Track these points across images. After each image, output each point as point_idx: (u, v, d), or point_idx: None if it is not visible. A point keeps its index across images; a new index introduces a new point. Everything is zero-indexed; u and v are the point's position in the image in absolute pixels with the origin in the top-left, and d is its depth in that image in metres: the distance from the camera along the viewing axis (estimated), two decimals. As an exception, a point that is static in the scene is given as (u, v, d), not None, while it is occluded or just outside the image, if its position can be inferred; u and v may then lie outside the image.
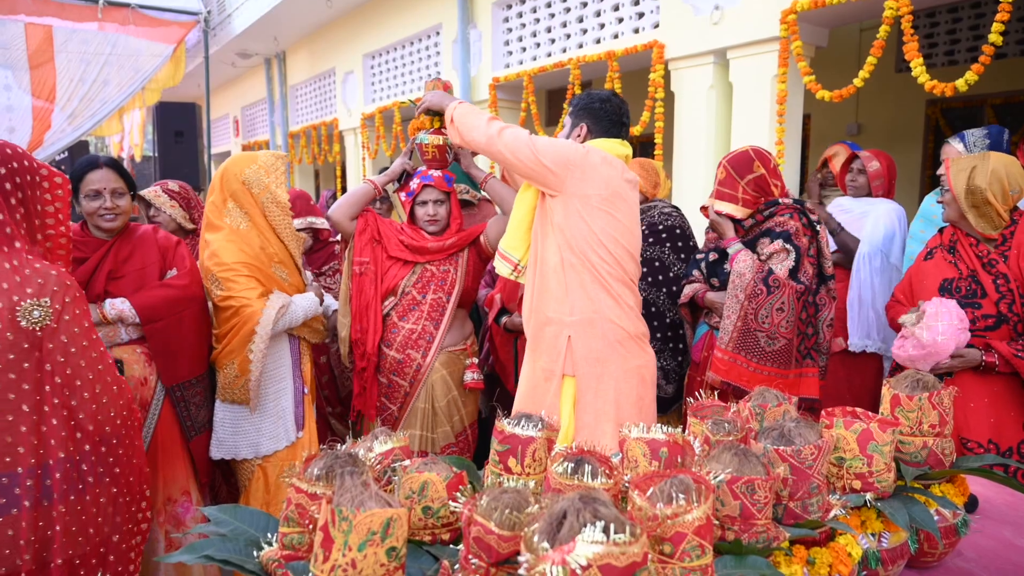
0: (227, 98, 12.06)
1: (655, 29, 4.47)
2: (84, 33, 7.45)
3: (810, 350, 2.37)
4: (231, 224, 2.27)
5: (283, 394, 2.32)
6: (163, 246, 2.25)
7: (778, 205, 2.36)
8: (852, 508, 1.22)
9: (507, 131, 2.07)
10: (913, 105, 5.82)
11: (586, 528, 0.75)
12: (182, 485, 2.25)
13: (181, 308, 2.17)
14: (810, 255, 2.33)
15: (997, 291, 2.17)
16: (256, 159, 2.31)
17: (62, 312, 1.42)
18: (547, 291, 2.05)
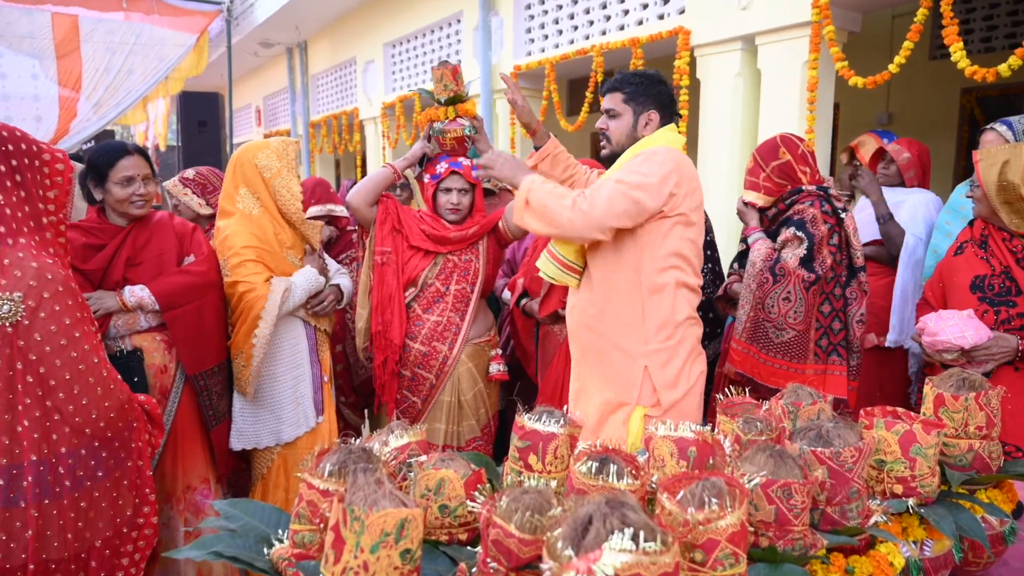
0: (249, 88, 12.10)
1: (680, 15, 4.36)
2: (110, 23, 7.49)
3: (836, 346, 2.28)
4: (243, 209, 2.25)
5: (301, 380, 2.30)
6: (180, 232, 2.24)
7: (801, 192, 2.29)
8: (893, 514, 1.15)
9: (597, 197, 1.81)
10: (947, 94, 5.65)
11: (613, 535, 0.69)
12: (202, 473, 2.23)
13: (200, 294, 2.15)
14: (831, 244, 2.24)
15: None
16: (268, 145, 2.29)
17: (37, 309, 1.33)
18: (617, 317, 1.89)
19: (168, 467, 2.18)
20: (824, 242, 2.21)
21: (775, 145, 2.34)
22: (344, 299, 2.45)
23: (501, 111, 6.03)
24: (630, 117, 1.98)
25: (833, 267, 2.24)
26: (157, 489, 2.11)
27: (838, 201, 2.29)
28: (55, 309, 1.35)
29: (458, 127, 2.46)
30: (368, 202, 2.47)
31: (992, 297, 2.11)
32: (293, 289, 2.23)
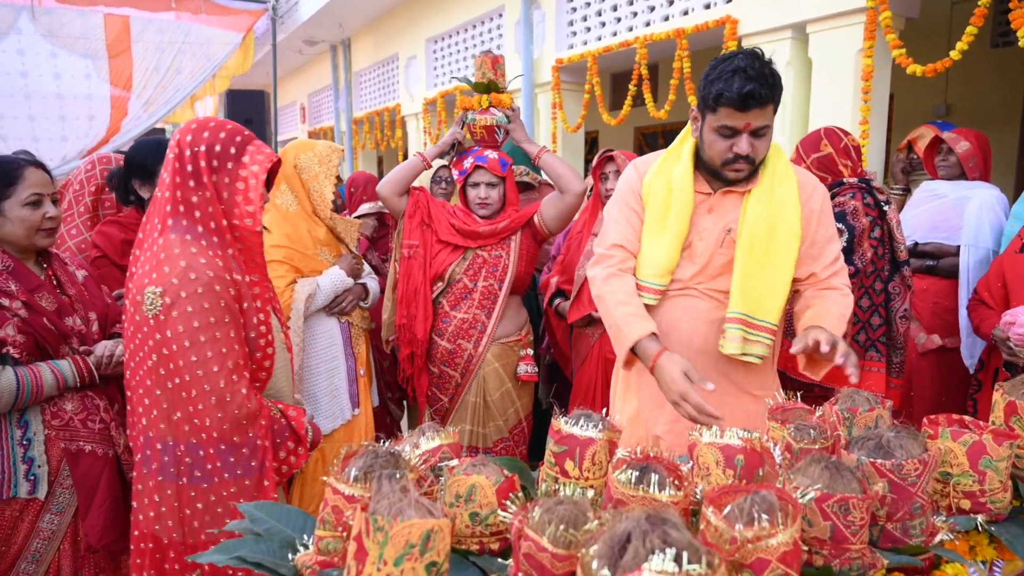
0: (294, 85, 12.28)
1: (728, 3, 4.23)
2: (160, 23, 7.67)
3: (875, 342, 2.19)
4: (280, 205, 2.26)
5: (336, 373, 2.31)
6: None
7: (843, 185, 2.23)
8: (960, 532, 1.06)
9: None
10: (1010, 83, 5.36)
11: (654, 555, 0.64)
12: None
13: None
14: (872, 237, 2.15)
15: None
16: (314, 147, 2.30)
17: (171, 307, 1.36)
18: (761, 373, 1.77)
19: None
20: (865, 235, 2.14)
21: (818, 138, 2.32)
22: (369, 299, 2.44)
23: (543, 105, 5.97)
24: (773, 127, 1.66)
25: (874, 260, 2.16)
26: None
27: (880, 194, 2.21)
28: (187, 310, 1.37)
29: (489, 117, 2.42)
30: (397, 192, 2.44)
31: None
32: (317, 292, 2.24)
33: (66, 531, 1.76)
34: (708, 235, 1.70)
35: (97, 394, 1.81)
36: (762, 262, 1.66)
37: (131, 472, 1.84)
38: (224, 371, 1.41)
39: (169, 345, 1.38)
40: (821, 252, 1.70)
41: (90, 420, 1.78)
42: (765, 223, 1.65)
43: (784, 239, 1.66)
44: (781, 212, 1.66)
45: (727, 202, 1.71)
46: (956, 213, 2.68)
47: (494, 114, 2.44)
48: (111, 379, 1.85)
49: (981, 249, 2.59)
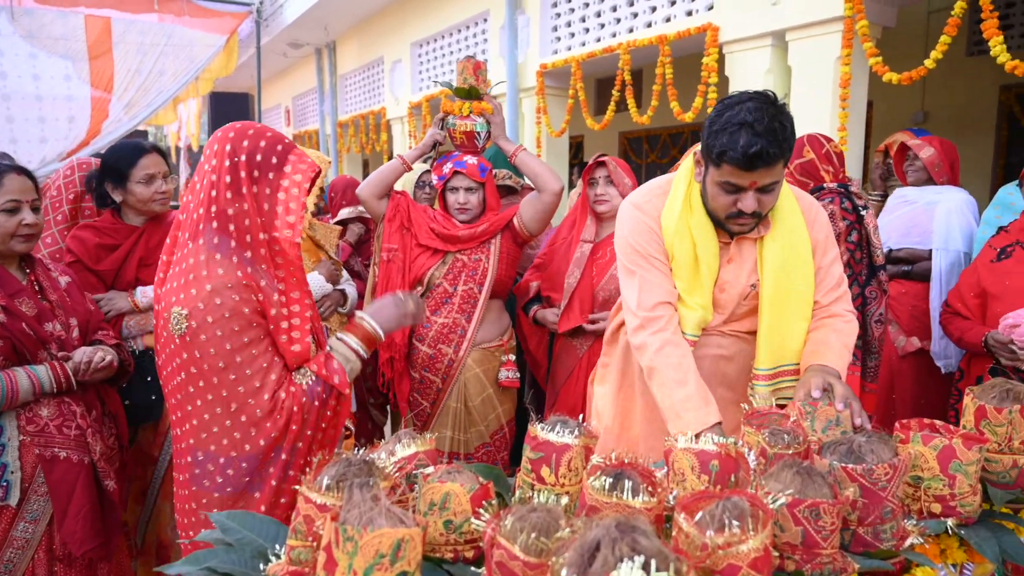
0: (279, 88, 12.22)
1: (709, 11, 4.27)
2: (142, 24, 7.61)
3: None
4: None
5: None
6: None
7: (822, 190, 2.26)
8: (931, 535, 1.08)
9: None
10: (985, 90, 5.46)
11: (623, 563, 0.64)
12: None
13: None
14: (849, 241, 2.18)
15: None
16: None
17: (198, 329, 1.30)
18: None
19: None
20: (842, 238, 2.17)
21: (800, 144, 2.34)
22: (348, 305, 2.42)
23: (527, 110, 5.98)
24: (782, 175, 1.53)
25: (851, 264, 2.18)
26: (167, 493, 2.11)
27: (858, 199, 2.24)
28: (216, 334, 1.32)
29: (469, 122, 2.42)
30: (376, 195, 2.43)
31: None
32: None
33: (40, 539, 1.74)
34: (731, 287, 1.65)
35: (74, 400, 1.79)
36: (784, 312, 1.63)
37: (108, 479, 1.82)
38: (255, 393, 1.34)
39: (200, 363, 1.32)
40: (824, 277, 1.67)
41: (66, 426, 1.76)
42: (784, 272, 1.61)
43: (802, 282, 1.63)
44: (796, 256, 1.62)
45: (744, 250, 1.65)
46: (927, 218, 2.72)
47: (474, 120, 2.44)
48: (89, 385, 1.83)
49: (952, 252, 2.63)
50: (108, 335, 1.92)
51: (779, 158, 1.45)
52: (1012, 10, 5.21)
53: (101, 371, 1.78)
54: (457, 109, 2.45)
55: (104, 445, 1.82)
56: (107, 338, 1.90)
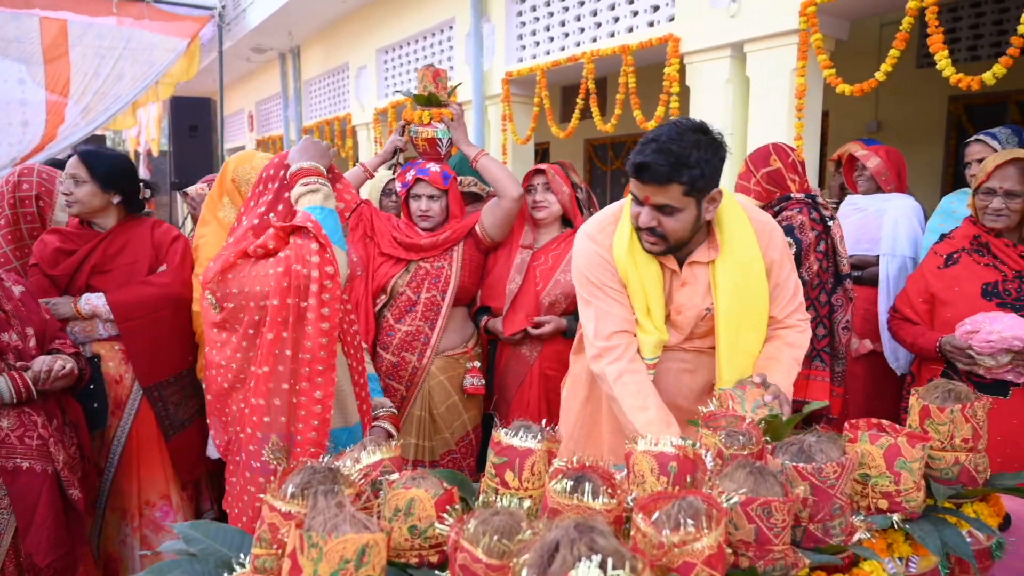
0: (242, 93, 12.06)
1: (670, 22, 4.36)
2: (99, 27, 7.45)
3: (819, 352, 2.28)
4: (222, 218, 2.23)
5: None
6: (158, 242, 2.21)
7: (790, 200, 2.32)
8: (878, 530, 1.13)
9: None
10: (935, 101, 5.66)
11: (581, 562, 0.67)
12: (161, 489, 2.19)
13: (159, 307, 2.12)
14: (818, 250, 2.25)
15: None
16: (252, 159, 2.26)
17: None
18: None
19: (124, 483, 2.14)
20: (811, 248, 2.23)
21: (767, 153, 2.40)
22: None
23: (493, 117, 6.02)
24: (693, 210, 1.55)
25: (819, 273, 2.24)
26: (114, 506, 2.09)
27: (825, 209, 2.31)
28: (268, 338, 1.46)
29: (431, 129, 2.44)
30: None
31: (1012, 302, 2.08)
32: None
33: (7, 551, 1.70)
34: (687, 310, 1.70)
35: (35, 410, 1.76)
36: (741, 332, 1.67)
37: (72, 488, 1.79)
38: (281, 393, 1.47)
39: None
40: (781, 292, 1.73)
41: (27, 436, 1.73)
42: (738, 293, 1.65)
43: (756, 302, 1.68)
44: (749, 278, 1.66)
45: (697, 273, 1.69)
46: (875, 225, 2.83)
47: (436, 126, 2.46)
48: (50, 394, 1.80)
49: (899, 258, 2.74)
50: (65, 343, 1.90)
51: (669, 177, 1.47)
52: (959, 24, 5.42)
53: (61, 379, 1.76)
54: (418, 117, 2.47)
55: (66, 454, 1.80)
56: (64, 346, 1.88)
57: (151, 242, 2.21)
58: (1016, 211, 2.11)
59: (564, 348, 2.47)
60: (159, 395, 2.15)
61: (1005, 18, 5.12)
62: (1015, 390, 2.06)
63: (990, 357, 2.03)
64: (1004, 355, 2.01)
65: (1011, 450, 2.04)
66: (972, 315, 2.09)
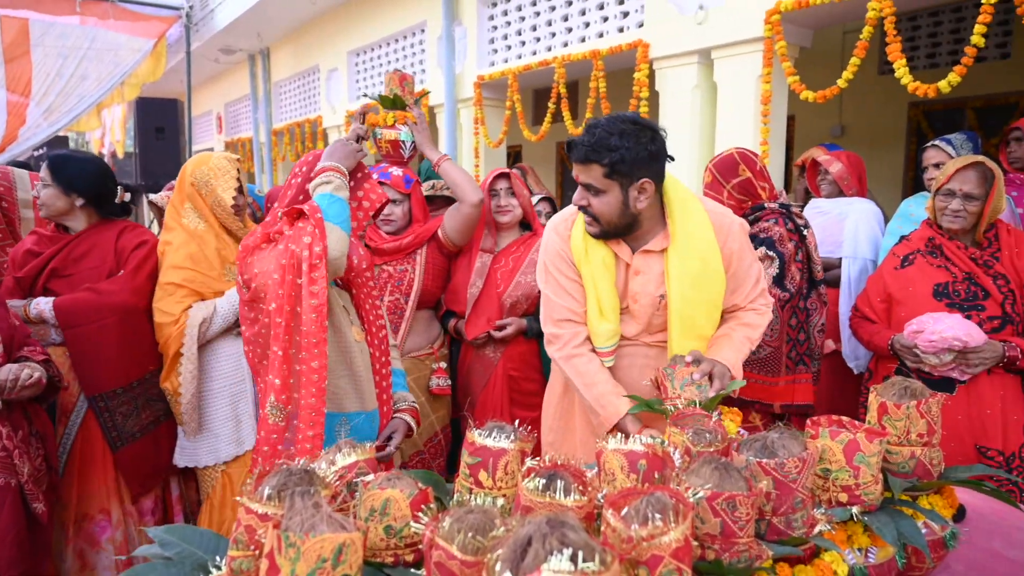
0: (210, 94, 11.90)
1: (640, 28, 4.42)
2: (62, 27, 7.30)
3: (802, 356, 2.33)
4: (187, 224, 2.20)
5: (241, 399, 2.22)
6: (121, 247, 2.18)
7: (763, 210, 2.34)
8: (838, 523, 1.17)
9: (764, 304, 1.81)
10: (896, 107, 5.83)
11: (552, 556, 0.69)
12: (101, 503, 2.14)
13: (103, 315, 2.06)
14: (797, 260, 2.29)
15: (1000, 291, 2.13)
16: (208, 160, 2.24)
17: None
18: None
19: (65, 493, 2.09)
20: (792, 260, 2.27)
21: (734, 162, 2.38)
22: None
23: (465, 120, 6.03)
24: (618, 194, 1.64)
25: (800, 283, 2.29)
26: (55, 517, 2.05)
27: (799, 218, 2.34)
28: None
29: (394, 132, 2.46)
30: None
31: (960, 302, 2.17)
32: (215, 316, 2.15)
33: None
34: (642, 298, 1.75)
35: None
36: (695, 321, 1.73)
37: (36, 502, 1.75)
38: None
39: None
40: (742, 282, 1.79)
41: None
42: (691, 282, 1.70)
43: (711, 291, 1.73)
44: (703, 267, 1.71)
45: (651, 262, 1.74)
46: (838, 228, 2.91)
47: (399, 129, 2.48)
48: (15, 404, 1.76)
49: (860, 260, 2.83)
50: (36, 350, 1.86)
51: (587, 156, 1.60)
52: (917, 32, 5.59)
53: (28, 388, 1.72)
54: (382, 120, 2.49)
55: (32, 466, 1.76)
56: (34, 353, 1.84)
57: (114, 248, 2.18)
58: (973, 213, 2.19)
59: (527, 349, 2.52)
60: (105, 405, 2.08)
61: (962, 27, 5.29)
62: (960, 387, 2.14)
63: (934, 356, 2.11)
64: (947, 354, 2.09)
65: (956, 444, 2.12)
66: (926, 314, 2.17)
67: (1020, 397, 2.13)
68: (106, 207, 2.26)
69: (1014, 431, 2.11)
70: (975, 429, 2.12)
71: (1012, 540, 1.45)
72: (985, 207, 2.17)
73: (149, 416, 2.20)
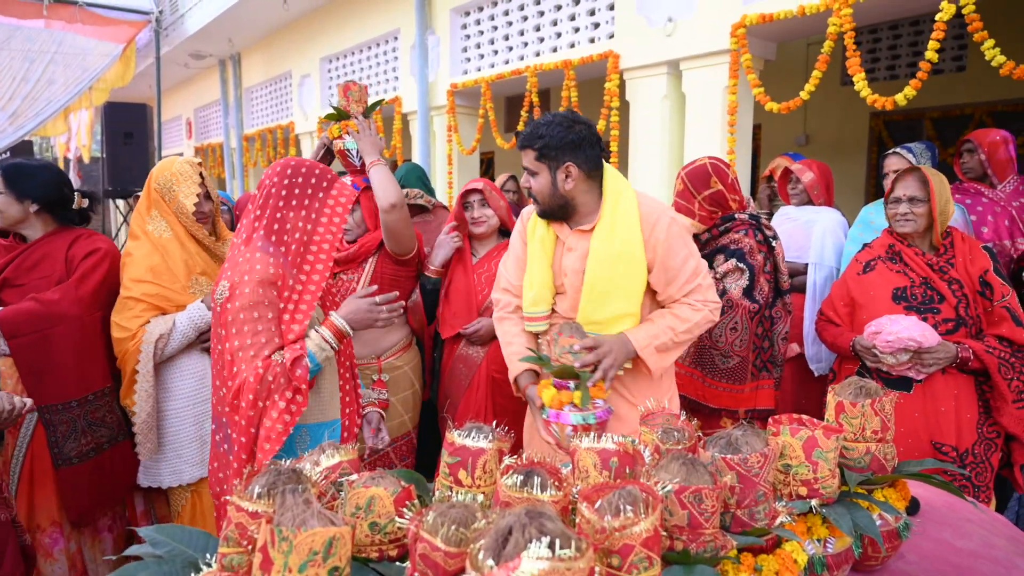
0: (180, 99, 11.77)
1: (610, 39, 4.52)
2: (28, 30, 7.19)
3: (766, 363, 2.41)
4: (152, 231, 2.17)
5: (205, 419, 2.17)
6: (72, 256, 2.14)
7: (734, 221, 2.39)
8: (798, 515, 1.24)
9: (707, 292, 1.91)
10: (858, 117, 6.02)
11: (531, 544, 0.74)
12: (52, 515, 2.10)
13: (46, 326, 2.01)
14: (766, 271, 2.36)
15: (954, 295, 2.23)
16: (171, 166, 2.20)
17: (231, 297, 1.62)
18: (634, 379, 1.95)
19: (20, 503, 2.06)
20: (761, 271, 2.33)
21: (706, 173, 2.42)
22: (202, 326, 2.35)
23: (438, 128, 6.08)
24: (547, 175, 1.86)
25: (767, 293, 2.36)
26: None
27: (768, 229, 2.41)
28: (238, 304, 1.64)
29: (340, 142, 2.51)
30: None
31: (917, 305, 2.27)
32: (173, 332, 2.08)
33: None
34: (571, 276, 1.92)
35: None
36: (605, 298, 1.87)
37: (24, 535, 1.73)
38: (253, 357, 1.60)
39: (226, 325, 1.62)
40: (676, 275, 1.90)
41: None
42: (607, 261, 1.85)
43: (625, 273, 1.86)
44: (622, 249, 1.85)
45: (581, 241, 1.91)
46: (805, 235, 3.02)
47: (344, 139, 2.52)
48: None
49: (825, 267, 2.93)
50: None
51: (525, 143, 1.87)
52: (878, 44, 5.79)
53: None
54: (330, 133, 2.54)
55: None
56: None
57: (65, 256, 2.13)
58: (920, 215, 2.30)
59: None
60: (50, 419, 2.03)
61: (920, 40, 5.49)
62: (917, 386, 2.25)
63: (891, 355, 2.21)
64: (903, 354, 2.19)
65: (913, 440, 2.23)
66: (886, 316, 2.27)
67: (973, 396, 2.24)
68: (62, 214, 2.22)
69: (967, 429, 2.21)
70: (931, 426, 2.22)
71: (962, 531, 1.54)
72: (932, 209, 2.27)
73: (89, 442, 2.10)
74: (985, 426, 2.22)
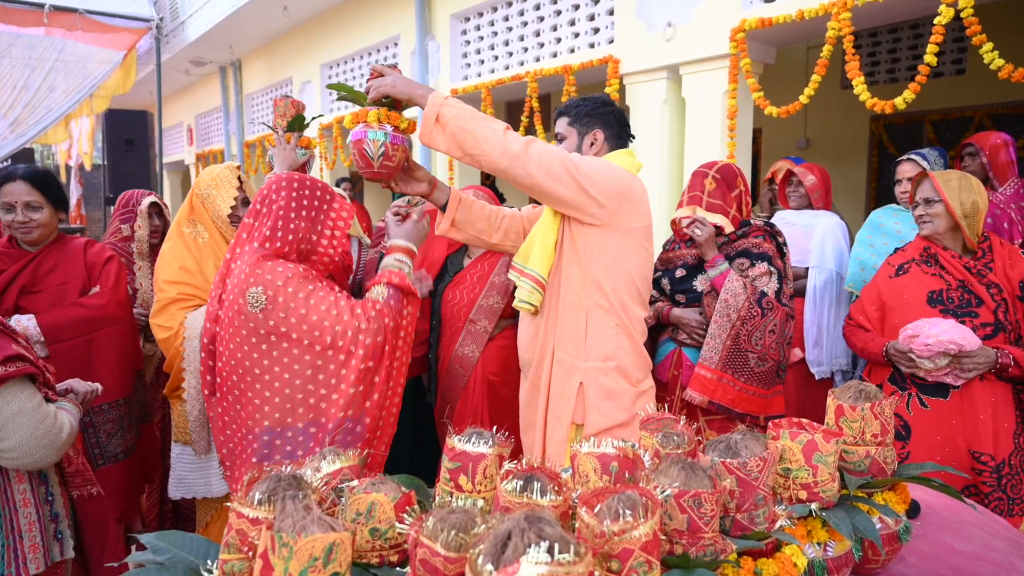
0: (180, 106, 11.80)
1: (610, 44, 4.53)
2: (29, 38, 7.22)
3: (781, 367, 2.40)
4: (188, 234, 2.20)
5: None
6: (91, 262, 2.17)
7: (750, 226, 2.36)
8: (798, 518, 1.24)
9: (535, 147, 1.72)
10: (858, 121, 6.02)
11: (531, 549, 0.74)
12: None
13: (92, 329, 2.07)
14: (785, 277, 2.36)
15: (993, 300, 2.17)
16: (212, 172, 2.26)
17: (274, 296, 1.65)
18: (561, 330, 1.90)
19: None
20: (784, 275, 2.33)
21: (735, 173, 2.36)
22: None
23: (438, 133, 6.08)
24: (575, 139, 2.01)
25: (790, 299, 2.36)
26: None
27: (780, 236, 2.40)
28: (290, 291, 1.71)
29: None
30: None
31: (955, 309, 2.20)
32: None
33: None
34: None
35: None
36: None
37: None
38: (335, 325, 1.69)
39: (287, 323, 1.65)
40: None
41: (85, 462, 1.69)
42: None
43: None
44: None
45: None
46: (805, 238, 3.02)
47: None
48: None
49: (825, 271, 2.94)
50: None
51: (562, 112, 2.07)
52: (878, 48, 5.80)
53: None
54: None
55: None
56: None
57: (84, 262, 2.16)
58: (936, 215, 2.28)
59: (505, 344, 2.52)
60: (90, 420, 2.08)
61: (919, 43, 5.50)
62: (954, 392, 2.17)
63: (928, 360, 2.13)
64: (941, 358, 2.11)
65: (950, 449, 2.15)
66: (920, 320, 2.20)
67: (1011, 405, 2.16)
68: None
69: (1004, 439, 2.13)
70: (968, 434, 2.15)
71: (962, 533, 1.54)
72: (948, 209, 2.24)
73: (131, 438, 2.19)
74: (1022, 437, 2.15)
